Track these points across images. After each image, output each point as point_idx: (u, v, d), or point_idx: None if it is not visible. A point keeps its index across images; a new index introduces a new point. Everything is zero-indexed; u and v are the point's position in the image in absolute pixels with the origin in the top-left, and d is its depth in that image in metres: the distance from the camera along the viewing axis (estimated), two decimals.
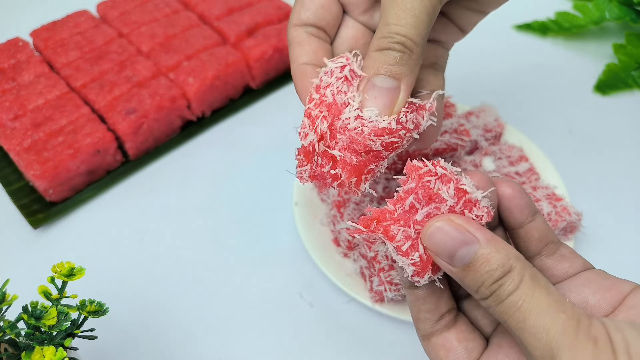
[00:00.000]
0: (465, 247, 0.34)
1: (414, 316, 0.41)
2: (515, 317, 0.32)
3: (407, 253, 0.35)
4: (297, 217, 0.65)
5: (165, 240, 0.69)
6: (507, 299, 0.33)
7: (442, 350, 0.39)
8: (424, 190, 0.35)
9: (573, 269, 0.39)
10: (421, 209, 0.35)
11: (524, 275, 0.33)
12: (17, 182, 0.73)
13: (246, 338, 0.60)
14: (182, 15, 0.88)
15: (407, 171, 0.36)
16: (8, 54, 0.81)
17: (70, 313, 0.43)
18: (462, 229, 0.34)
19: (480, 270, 0.33)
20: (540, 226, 0.40)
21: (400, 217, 0.35)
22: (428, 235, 0.35)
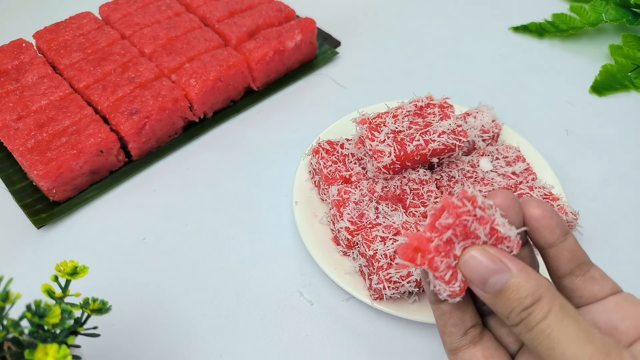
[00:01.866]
0: (497, 276, 0.35)
1: (441, 330, 0.42)
2: (544, 345, 0.34)
3: (448, 282, 0.37)
4: (297, 216, 0.66)
5: (167, 239, 0.69)
6: (536, 326, 0.34)
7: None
8: (461, 228, 0.37)
9: (602, 293, 0.39)
10: (458, 243, 0.37)
11: (554, 304, 0.34)
12: (20, 182, 0.74)
13: (247, 336, 0.60)
14: (184, 18, 0.89)
15: (443, 204, 0.37)
16: (11, 55, 0.81)
17: (73, 311, 0.43)
18: (495, 258, 0.36)
19: (510, 298, 0.35)
20: (572, 246, 0.40)
21: (440, 248, 0.37)
22: (463, 262, 0.37)
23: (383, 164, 0.61)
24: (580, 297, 0.40)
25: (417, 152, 0.61)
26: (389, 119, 0.63)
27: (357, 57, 0.96)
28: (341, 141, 0.69)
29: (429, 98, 0.64)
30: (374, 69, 0.94)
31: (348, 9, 1.08)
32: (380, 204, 0.62)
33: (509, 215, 0.38)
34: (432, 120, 0.63)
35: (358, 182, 0.64)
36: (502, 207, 0.38)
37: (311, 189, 0.70)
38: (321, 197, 0.68)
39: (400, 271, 0.55)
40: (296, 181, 0.70)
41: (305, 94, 0.89)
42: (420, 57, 0.97)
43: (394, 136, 0.62)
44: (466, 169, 0.66)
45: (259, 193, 0.74)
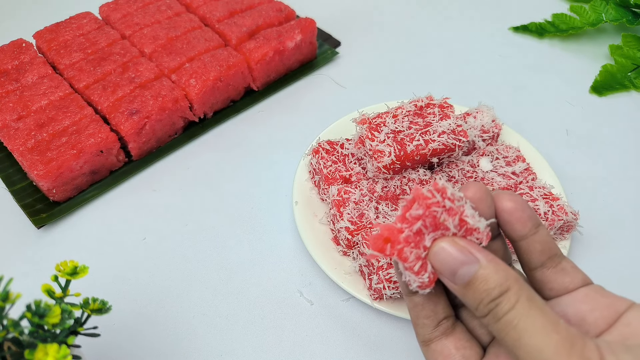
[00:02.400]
0: (466, 267, 0.35)
1: (414, 322, 0.42)
2: (511, 336, 0.34)
3: (417, 273, 0.37)
4: (297, 216, 0.66)
5: (167, 239, 0.69)
6: (504, 317, 0.34)
7: (440, 357, 0.40)
8: (431, 219, 0.37)
9: (573, 284, 0.40)
10: (428, 234, 0.37)
11: (521, 295, 0.34)
12: (20, 182, 0.74)
13: (247, 335, 0.61)
14: (184, 18, 0.89)
15: (414, 196, 0.37)
16: (12, 55, 0.82)
17: (73, 311, 0.43)
18: (465, 250, 0.36)
19: (479, 289, 0.35)
20: (543, 239, 0.40)
21: (410, 239, 0.37)
22: (433, 254, 0.37)
23: (383, 164, 0.61)
24: (551, 289, 0.40)
25: (417, 152, 0.61)
26: (389, 119, 0.63)
27: (357, 57, 0.96)
28: (341, 141, 0.69)
29: (429, 98, 0.64)
30: (374, 69, 0.94)
31: (348, 9, 1.08)
32: (380, 204, 0.62)
33: (480, 207, 0.38)
34: (432, 120, 0.63)
35: (358, 182, 0.64)
36: (474, 199, 0.39)
37: (311, 189, 0.70)
38: (321, 197, 0.68)
39: None
40: (296, 181, 0.70)
41: (305, 94, 0.89)
42: (420, 57, 0.97)
43: (394, 136, 0.62)
44: (466, 169, 0.66)
45: (259, 193, 0.74)
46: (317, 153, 0.68)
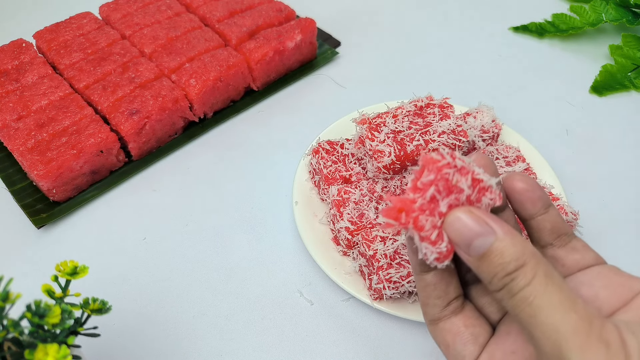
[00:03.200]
0: (481, 238, 0.34)
1: (423, 301, 0.41)
2: (526, 312, 0.32)
3: (434, 242, 0.36)
4: (297, 216, 0.66)
5: (167, 239, 0.69)
6: (519, 293, 0.33)
7: (449, 335, 0.40)
8: (443, 182, 0.36)
9: (584, 261, 0.39)
10: (442, 200, 0.36)
11: (538, 271, 0.33)
12: (20, 182, 0.74)
13: (247, 335, 0.61)
14: (184, 18, 0.89)
15: (423, 163, 0.36)
16: (12, 56, 0.82)
17: (73, 311, 0.43)
18: (481, 220, 0.34)
19: (494, 262, 0.34)
20: (554, 218, 0.40)
21: (425, 207, 0.36)
22: (448, 224, 0.35)
23: (383, 164, 0.61)
24: (563, 265, 0.40)
25: (417, 152, 0.61)
26: (388, 119, 0.63)
27: (357, 57, 0.96)
28: (341, 141, 0.69)
29: (429, 98, 0.64)
30: (374, 69, 0.94)
31: (348, 9, 1.08)
32: (380, 204, 0.62)
33: None
34: (432, 120, 0.63)
35: (358, 182, 0.64)
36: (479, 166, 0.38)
37: (311, 189, 0.70)
38: (321, 197, 0.68)
39: (400, 271, 0.55)
40: (296, 181, 0.70)
41: (305, 94, 0.89)
42: (420, 57, 0.97)
43: (394, 136, 0.62)
44: None
45: (259, 193, 0.74)
46: (317, 153, 0.68)
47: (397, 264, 0.56)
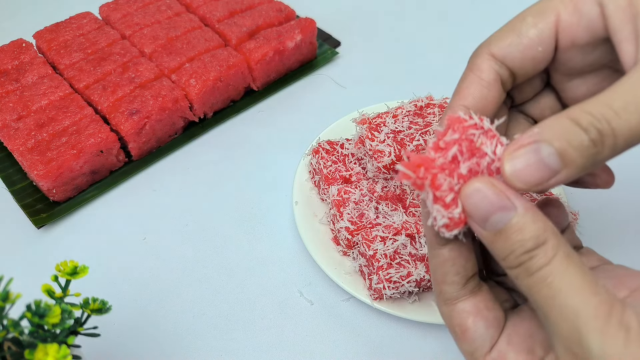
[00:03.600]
0: (500, 213, 0.32)
1: (439, 279, 0.38)
2: (543, 293, 0.31)
3: (448, 205, 0.34)
4: (297, 216, 0.66)
5: (167, 239, 0.69)
6: (537, 272, 0.31)
7: (470, 316, 0.37)
8: (467, 143, 0.34)
9: (590, 263, 0.39)
10: (463, 162, 0.34)
11: (559, 250, 0.31)
12: (20, 182, 0.74)
13: (247, 335, 0.61)
14: (184, 18, 0.89)
15: (448, 122, 0.34)
16: (12, 56, 0.82)
17: (73, 311, 0.43)
18: (502, 194, 0.32)
19: (512, 239, 0.32)
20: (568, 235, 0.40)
21: (445, 166, 0.34)
22: (466, 195, 0.33)
23: (383, 164, 0.61)
24: None
25: (417, 152, 0.61)
26: (389, 119, 0.63)
27: (357, 57, 0.96)
28: (341, 141, 0.69)
29: (429, 98, 0.64)
30: (374, 69, 0.94)
31: (348, 9, 1.08)
32: (380, 204, 0.62)
33: None
34: (432, 120, 0.63)
35: (358, 182, 0.64)
36: None
37: (311, 189, 0.70)
38: (321, 197, 0.68)
39: (400, 271, 0.55)
40: (296, 181, 0.70)
41: (305, 94, 0.89)
42: (420, 57, 0.97)
43: (394, 136, 0.62)
44: None
45: (259, 193, 0.74)
46: (317, 153, 0.68)
47: (397, 264, 0.56)
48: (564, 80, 0.41)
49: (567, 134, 0.32)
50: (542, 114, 0.44)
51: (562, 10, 0.37)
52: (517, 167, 0.33)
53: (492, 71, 0.39)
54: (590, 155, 0.32)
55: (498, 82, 0.39)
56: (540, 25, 0.37)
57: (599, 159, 0.32)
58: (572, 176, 0.33)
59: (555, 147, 0.32)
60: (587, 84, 0.41)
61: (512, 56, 0.38)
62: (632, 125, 0.31)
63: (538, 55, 0.38)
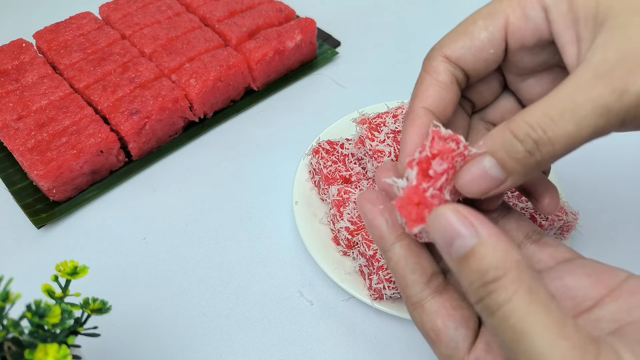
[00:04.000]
0: (462, 239, 0.30)
1: (401, 283, 0.37)
2: (507, 337, 0.29)
3: None
4: (297, 216, 0.66)
5: (168, 239, 0.69)
6: (498, 312, 0.29)
7: (439, 318, 0.35)
8: (453, 171, 0.35)
9: (559, 253, 0.38)
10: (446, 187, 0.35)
11: (520, 285, 0.28)
12: (20, 182, 0.74)
13: (247, 335, 0.61)
14: (184, 18, 0.89)
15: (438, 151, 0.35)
16: (12, 56, 0.82)
17: (73, 311, 0.43)
18: (465, 220, 0.31)
19: (471, 267, 0.30)
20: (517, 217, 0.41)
21: (436, 196, 0.35)
22: (431, 221, 0.32)
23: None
24: (539, 261, 0.39)
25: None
26: (389, 119, 0.63)
27: (357, 57, 0.96)
28: (341, 141, 0.69)
29: None
30: (374, 69, 0.94)
31: (348, 9, 1.08)
32: None
33: None
34: None
35: (358, 182, 0.64)
36: None
37: (311, 189, 0.70)
38: (321, 197, 0.68)
39: None
40: (296, 181, 0.70)
41: (305, 94, 0.89)
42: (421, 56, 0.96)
43: (394, 136, 0.62)
44: None
45: (259, 193, 0.74)
46: (317, 153, 0.68)
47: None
48: (518, 81, 0.43)
49: (505, 146, 0.33)
50: (503, 118, 0.45)
51: (510, 14, 0.38)
52: (465, 180, 0.34)
53: (448, 73, 0.40)
54: (529, 164, 0.33)
55: (454, 84, 0.40)
56: (490, 29, 0.39)
57: (540, 165, 0.33)
58: (520, 181, 0.34)
59: (496, 158, 0.33)
60: (541, 83, 0.42)
61: (465, 58, 0.39)
62: (568, 132, 0.31)
63: (490, 56, 0.39)
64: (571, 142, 0.32)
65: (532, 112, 0.33)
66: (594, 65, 0.32)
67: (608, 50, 0.32)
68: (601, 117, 0.31)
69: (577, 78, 0.32)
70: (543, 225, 0.59)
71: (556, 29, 0.36)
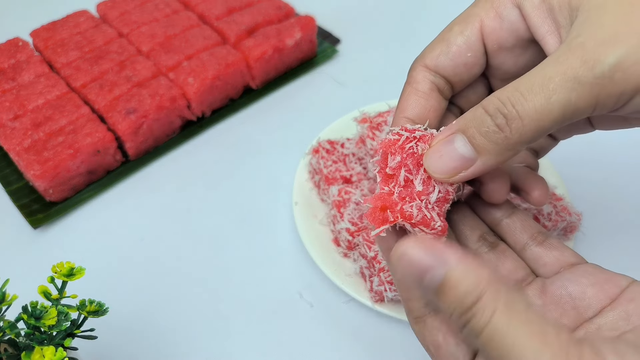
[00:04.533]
0: (431, 272, 0.29)
1: (404, 296, 0.37)
2: (495, 355, 0.29)
3: (428, 224, 0.34)
4: (297, 217, 0.65)
5: (165, 240, 0.69)
6: (483, 334, 0.29)
7: (440, 333, 0.35)
8: (412, 159, 0.35)
9: (564, 257, 0.39)
10: (416, 178, 0.35)
11: (498, 303, 0.28)
12: (17, 182, 0.73)
13: (246, 338, 0.60)
14: (182, 15, 0.88)
15: (383, 149, 0.35)
16: (8, 54, 0.81)
17: (70, 313, 0.43)
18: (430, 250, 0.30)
19: (449, 296, 0.29)
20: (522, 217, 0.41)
21: (403, 193, 0.35)
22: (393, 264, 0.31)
23: None
24: (545, 265, 0.39)
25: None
26: (390, 117, 0.62)
27: (357, 55, 0.96)
28: (342, 140, 0.69)
29: None
30: (375, 67, 0.93)
31: (348, 6, 1.07)
32: None
33: None
34: None
35: (359, 182, 0.64)
36: None
37: (311, 189, 0.69)
38: (321, 197, 0.68)
39: None
40: (296, 181, 0.69)
41: (305, 92, 0.89)
42: None
43: None
44: None
45: (258, 193, 0.74)
46: (317, 153, 0.67)
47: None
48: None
49: (475, 121, 0.33)
50: None
51: (484, 17, 0.38)
52: (433, 159, 0.34)
53: (427, 81, 0.40)
54: (499, 141, 0.33)
55: (435, 91, 0.40)
56: (466, 33, 0.39)
57: (510, 143, 0.32)
58: (490, 164, 0.34)
59: (466, 135, 0.33)
60: None
61: (443, 65, 0.40)
62: (537, 106, 0.31)
63: (469, 60, 0.39)
64: (540, 119, 0.31)
65: (505, 89, 0.33)
66: (567, 43, 0.32)
67: (583, 28, 0.32)
68: (572, 91, 0.30)
69: (551, 56, 0.32)
70: (547, 226, 0.59)
71: (533, 22, 0.36)
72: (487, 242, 0.41)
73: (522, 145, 0.33)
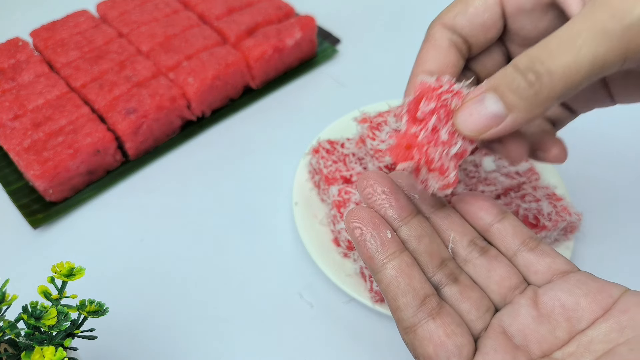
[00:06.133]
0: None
1: (392, 306, 0.36)
2: None
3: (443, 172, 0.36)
4: (297, 217, 0.65)
5: (165, 240, 0.69)
6: None
7: (431, 345, 0.34)
8: (444, 110, 0.35)
9: (556, 265, 0.38)
10: (442, 128, 0.36)
11: None
12: (16, 182, 0.73)
13: (246, 338, 0.60)
14: (182, 15, 0.88)
15: (420, 91, 0.36)
16: (8, 54, 0.81)
17: (70, 313, 0.43)
18: None
19: None
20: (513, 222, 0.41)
21: (429, 138, 0.36)
22: None
23: (384, 164, 0.60)
24: (536, 272, 0.38)
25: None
26: (390, 117, 0.62)
27: (357, 55, 0.96)
28: (342, 140, 0.68)
29: None
30: (375, 67, 0.93)
31: (348, 6, 1.07)
32: None
33: None
34: None
35: None
36: None
37: (311, 189, 0.69)
38: (321, 197, 0.68)
39: None
40: (296, 181, 0.69)
41: (305, 92, 0.89)
42: None
43: None
44: (469, 169, 0.65)
45: (258, 193, 0.74)
46: (317, 152, 0.67)
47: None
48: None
49: (506, 78, 0.34)
50: None
51: None
52: (464, 116, 0.35)
53: (445, 38, 0.41)
54: (529, 97, 0.33)
55: (453, 48, 0.41)
56: None
57: (540, 99, 0.33)
58: (520, 121, 0.34)
59: (496, 93, 0.34)
60: None
61: (461, 24, 0.40)
62: (564, 63, 0.31)
63: (487, 22, 0.40)
64: (569, 74, 0.32)
65: (534, 47, 0.33)
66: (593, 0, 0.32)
67: None
68: (600, 45, 0.31)
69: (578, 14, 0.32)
70: (547, 226, 0.59)
71: None
72: (477, 247, 0.40)
73: (551, 102, 0.33)
